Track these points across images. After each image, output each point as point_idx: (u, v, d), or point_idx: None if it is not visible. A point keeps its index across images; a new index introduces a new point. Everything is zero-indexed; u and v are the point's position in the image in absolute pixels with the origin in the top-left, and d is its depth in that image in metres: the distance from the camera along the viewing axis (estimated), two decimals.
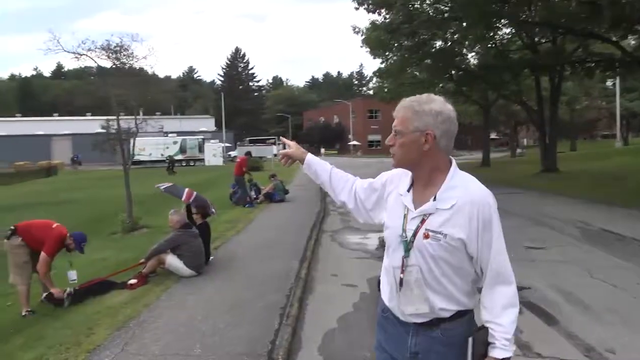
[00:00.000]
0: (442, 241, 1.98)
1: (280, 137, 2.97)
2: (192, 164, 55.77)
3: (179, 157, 56.06)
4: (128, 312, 5.95)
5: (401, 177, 2.21)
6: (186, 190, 8.59)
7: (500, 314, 2.00)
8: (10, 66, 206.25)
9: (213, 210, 8.63)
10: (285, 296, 6.28)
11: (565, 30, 22.40)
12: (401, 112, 2.08)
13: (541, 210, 14.02)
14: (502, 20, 22.80)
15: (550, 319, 5.49)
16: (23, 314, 6.83)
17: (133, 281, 7.19)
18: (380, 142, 78.03)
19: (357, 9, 21.95)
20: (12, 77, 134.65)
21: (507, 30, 25.94)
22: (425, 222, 2.03)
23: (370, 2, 21.29)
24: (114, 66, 13.93)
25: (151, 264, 7.50)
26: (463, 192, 2.01)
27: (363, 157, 67.39)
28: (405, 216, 2.10)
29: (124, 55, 13.82)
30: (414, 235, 2.04)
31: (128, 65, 14.05)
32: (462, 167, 2.09)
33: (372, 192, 2.34)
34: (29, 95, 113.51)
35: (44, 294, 7.11)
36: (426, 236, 2.01)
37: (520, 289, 6.43)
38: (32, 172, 46.45)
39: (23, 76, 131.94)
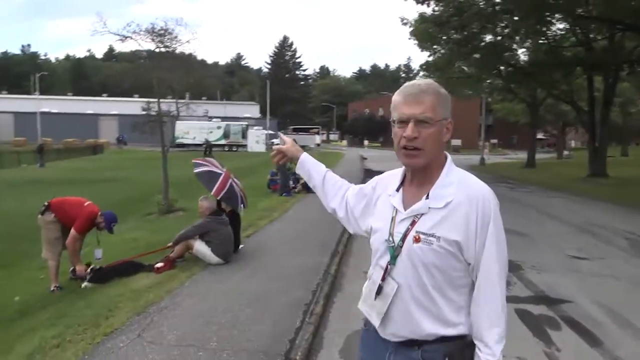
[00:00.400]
0: (435, 245, 1.73)
1: (278, 133, 2.68)
2: (235, 150, 56.24)
3: (222, 142, 56.67)
4: (150, 296, 5.84)
5: (391, 178, 1.99)
6: (219, 181, 8.12)
7: (486, 331, 1.73)
8: (66, 47, 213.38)
9: (242, 206, 8.37)
10: (311, 292, 6.05)
11: (625, 27, 21.23)
12: (428, 98, 1.78)
13: (587, 217, 13.28)
14: (556, 15, 21.80)
15: (593, 339, 5.01)
16: (51, 289, 6.95)
17: (160, 265, 7.11)
18: None
19: (405, 0, 21.42)
20: (67, 58, 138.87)
21: (561, 26, 24.85)
22: (416, 223, 1.78)
23: None
24: (157, 49, 13.95)
25: (179, 249, 7.40)
26: (460, 188, 1.77)
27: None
28: (393, 218, 1.85)
29: (168, 38, 13.83)
30: (403, 239, 1.79)
31: (172, 48, 14.06)
32: (506, 167, 1.82)
33: (362, 198, 2.11)
34: (81, 75, 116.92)
35: (71, 270, 7.14)
36: (416, 239, 1.76)
37: (560, 301, 6.07)
38: (79, 149, 47.79)
39: (77, 57, 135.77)
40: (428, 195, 1.78)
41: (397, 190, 1.90)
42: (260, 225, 10.84)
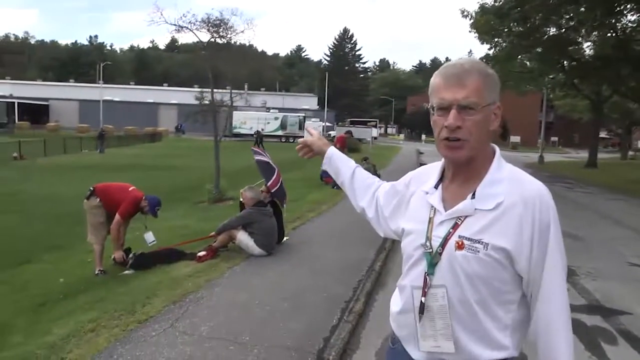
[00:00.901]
0: (482, 253, 1.46)
1: (306, 127, 2.43)
2: (292, 141, 56.47)
3: (279, 133, 57.13)
4: (189, 285, 5.80)
5: (429, 173, 1.72)
6: (274, 175, 8.25)
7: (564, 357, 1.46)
8: (131, 39, 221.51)
9: (285, 204, 8.36)
10: (352, 289, 5.87)
11: None
12: (473, 79, 1.50)
13: None
14: (628, 5, 20.55)
15: None
16: (96, 272, 7.06)
17: (202, 253, 7.09)
18: None
19: None
20: (131, 49, 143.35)
21: (632, 18, 23.41)
22: (459, 227, 1.51)
23: None
24: (212, 39, 14.04)
25: (222, 239, 7.36)
26: (512, 187, 1.50)
27: None
28: (430, 220, 1.59)
29: (223, 29, 13.88)
30: (443, 244, 1.52)
31: (227, 39, 14.12)
32: (566, 166, 1.56)
33: (393, 196, 1.86)
34: (144, 65, 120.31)
35: (113, 257, 7.23)
36: (460, 246, 1.49)
37: (618, 312, 5.64)
38: (138, 136, 49.17)
39: (140, 48, 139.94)
40: (474, 194, 1.52)
41: (436, 187, 1.64)
42: (308, 217, 10.72)
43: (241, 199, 7.94)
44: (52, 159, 28.33)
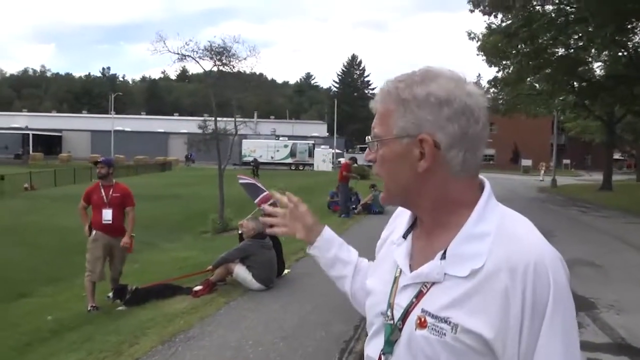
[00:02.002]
0: (449, 336, 1.03)
1: (274, 195, 1.64)
2: (301, 168, 56.62)
3: (289, 160, 57.27)
4: (181, 323, 5.50)
5: (404, 213, 1.29)
6: (265, 193, 8.06)
7: None
8: (143, 70, 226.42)
9: None
10: (354, 327, 5.50)
11: None
12: (380, 103, 1.14)
13: None
14: (639, 22, 20.30)
15: None
16: (88, 308, 6.83)
17: (198, 288, 6.79)
18: (494, 157, 74.80)
19: (472, 11, 20.75)
20: (143, 79, 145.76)
21: None
22: (424, 296, 1.10)
23: (486, 3, 19.92)
24: (215, 67, 14.00)
25: (219, 273, 7.06)
26: (499, 246, 1.05)
27: None
28: (395, 280, 1.19)
29: (226, 56, 13.83)
30: (403, 318, 1.12)
31: (230, 66, 14.07)
32: (579, 189, 1.14)
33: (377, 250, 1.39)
34: (155, 95, 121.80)
35: (110, 292, 6.96)
36: (422, 324, 1.07)
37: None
38: (148, 166, 49.47)
39: (152, 78, 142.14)
40: (445, 252, 1.09)
41: (405, 236, 1.23)
42: None
43: (239, 231, 7.68)
44: (61, 189, 28.38)
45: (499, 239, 1.06)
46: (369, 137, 1.17)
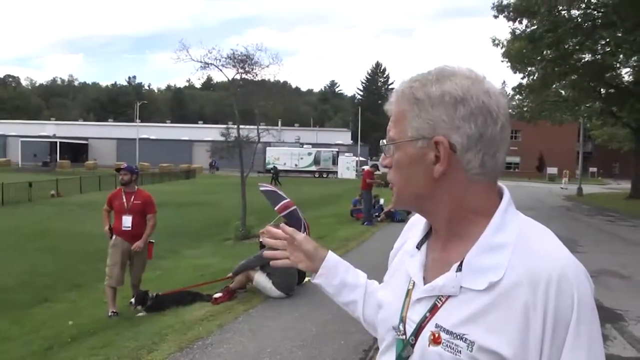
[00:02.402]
0: (465, 354, 0.96)
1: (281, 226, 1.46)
2: (325, 176, 56.78)
3: (313, 168, 57.46)
4: (199, 330, 5.49)
5: (419, 222, 1.21)
6: (285, 200, 8.04)
7: None
8: (168, 79, 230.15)
9: (305, 233, 7.98)
10: (373, 337, 5.41)
11: None
12: (395, 105, 1.09)
13: None
14: None
15: None
16: (109, 314, 6.85)
17: (218, 295, 6.78)
18: (518, 165, 73.89)
19: (496, 17, 20.50)
20: (168, 88, 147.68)
21: None
22: (438, 311, 1.03)
23: (510, 9, 19.68)
24: (238, 75, 14.06)
25: (239, 280, 7.05)
26: (518, 258, 0.97)
27: (500, 180, 63.94)
28: (408, 293, 1.11)
29: (249, 64, 13.89)
30: (416, 333, 1.05)
31: (253, 74, 14.12)
32: (606, 197, 1.06)
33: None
34: (180, 104, 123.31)
35: (132, 298, 6.98)
36: (436, 340, 1.00)
37: None
38: (173, 173, 50.01)
39: (177, 87, 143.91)
40: (461, 264, 1.02)
41: (419, 246, 1.16)
42: None
43: (260, 239, 7.65)
44: (87, 196, 28.79)
45: (519, 250, 0.99)
46: (384, 140, 1.12)
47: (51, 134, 74.85)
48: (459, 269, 1.01)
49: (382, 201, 17.26)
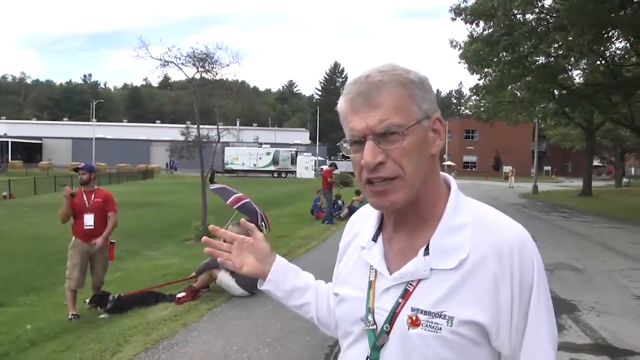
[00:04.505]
0: (446, 330, 1.03)
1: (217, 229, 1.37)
2: (284, 176, 56.70)
3: (271, 168, 57.29)
4: (164, 330, 5.44)
5: (366, 217, 1.26)
6: (236, 194, 8.09)
7: None
8: (125, 77, 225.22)
9: (263, 224, 7.95)
10: None
11: None
12: (387, 93, 1.06)
13: None
14: (616, 32, 20.60)
15: None
16: (69, 317, 6.69)
17: (181, 295, 6.73)
18: (475, 164, 75.47)
19: (454, 19, 20.81)
20: (125, 87, 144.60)
21: (620, 45, 23.53)
22: (411, 295, 1.08)
23: (468, 12, 20.07)
24: (198, 74, 13.91)
25: (202, 279, 7.01)
26: (480, 235, 1.08)
27: (457, 178, 64.94)
28: (371, 284, 1.15)
29: (209, 63, 13.76)
30: (390, 321, 1.09)
31: (213, 73, 13.99)
32: (560, 195, 1.19)
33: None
34: (137, 103, 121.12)
35: (89, 298, 6.84)
36: (414, 322, 1.06)
37: (628, 353, 5.14)
38: (130, 174, 49.06)
39: (134, 85, 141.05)
40: (428, 247, 1.09)
41: (375, 239, 1.19)
42: (297, 254, 10.36)
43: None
44: (42, 197, 27.96)
45: (478, 227, 1.09)
46: (375, 136, 1.06)
47: (2, 133, 72.29)
48: (426, 252, 1.09)
49: (340, 202, 17.44)
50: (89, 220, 6.75)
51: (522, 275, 1.05)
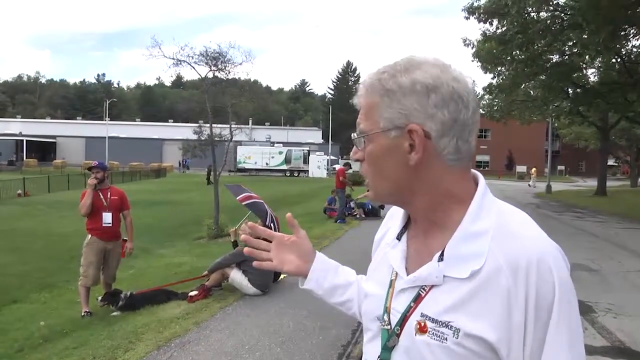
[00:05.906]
0: (451, 341, 0.98)
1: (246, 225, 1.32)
2: (296, 175, 56.73)
3: (284, 167, 57.38)
4: (176, 328, 5.43)
5: (398, 213, 1.22)
6: (248, 192, 8.11)
7: None
8: (138, 76, 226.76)
9: (272, 225, 7.90)
10: (352, 332, 5.45)
11: None
12: (363, 96, 1.08)
13: None
14: (632, 30, 20.33)
15: None
16: (82, 314, 6.73)
17: (193, 293, 6.72)
18: (488, 163, 75.00)
19: (467, 18, 20.61)
20: (138, 86, 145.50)
21: (637, 43, 23.23)
22: (422, 300, 1.04)
23: (481, 11, 19.89)
24: (210, 73, 13.95)
25: (214, 278, 7.01)
26: (498, 245, 0.99)
27: None
28: (392, 283, 1.12)
29: (222, 62, 13.79)
30: (401, 323, 1.06)
31: (226, 72, 14.02)
32: (573, 195, 1.12)
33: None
34: (150, 102, 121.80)
35: (101, 296, 6.86)
36: (422, 329, 1.02)
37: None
38: (143, 172, 49.37)
39: (147, 85, 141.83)
40: (442, 254, 1.03)
41: (399, 237, 1.16)
42: None
43: (232, 239, 7.72)
44: (55, 195, 28.21)
45: (498, 236, 1.00)
46: (354, 134, 1.10)
47: (17, 131, 73.09)
48: (441, 258, 1.03)
49: (352, 204, 17.43)
50: (107, 218, 6.78)
51: (538, 296, 0.94)
